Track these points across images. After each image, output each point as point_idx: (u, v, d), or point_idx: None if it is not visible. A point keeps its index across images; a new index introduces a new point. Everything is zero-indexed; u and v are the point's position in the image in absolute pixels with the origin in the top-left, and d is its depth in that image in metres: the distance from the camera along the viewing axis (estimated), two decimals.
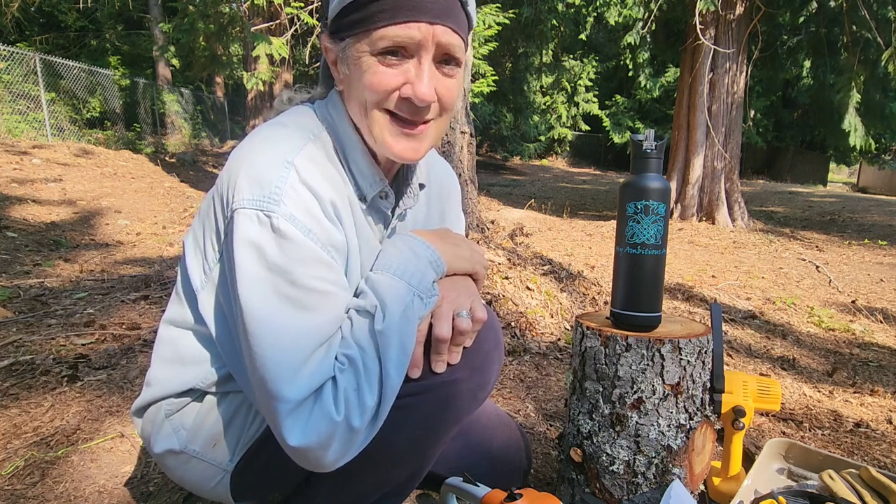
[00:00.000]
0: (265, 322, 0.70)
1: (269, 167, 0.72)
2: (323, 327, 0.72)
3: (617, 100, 18.52)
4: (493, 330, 0.90)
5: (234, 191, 0.72)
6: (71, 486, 1.24)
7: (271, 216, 0.70)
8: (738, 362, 2.33)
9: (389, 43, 0.72)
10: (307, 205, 0.72)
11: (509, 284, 2.76)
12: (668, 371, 0.96)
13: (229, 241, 0.73)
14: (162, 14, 13.83)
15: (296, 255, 0.70)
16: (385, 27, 0.71)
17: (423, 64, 0.74)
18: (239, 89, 16.37)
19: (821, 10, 7.51)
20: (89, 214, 4.96)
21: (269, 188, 0.71)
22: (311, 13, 7.85)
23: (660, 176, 0.97)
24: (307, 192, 0.73)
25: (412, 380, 0.85)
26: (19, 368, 1.77)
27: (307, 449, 0.70)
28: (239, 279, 0.71)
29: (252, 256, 0.70)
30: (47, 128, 9.42)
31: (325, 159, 0.79)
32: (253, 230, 0.70)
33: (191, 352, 0.85)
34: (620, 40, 8.71)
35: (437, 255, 0.82)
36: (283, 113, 0.84)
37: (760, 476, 1.19)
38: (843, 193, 16.10)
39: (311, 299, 0.71)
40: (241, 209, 0.71)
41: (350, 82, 0.77)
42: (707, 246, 5.80)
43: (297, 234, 0.71)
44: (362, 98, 0.76)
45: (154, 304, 2.53)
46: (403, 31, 0.71)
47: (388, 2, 0.70)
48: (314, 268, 0.72)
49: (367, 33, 0.72)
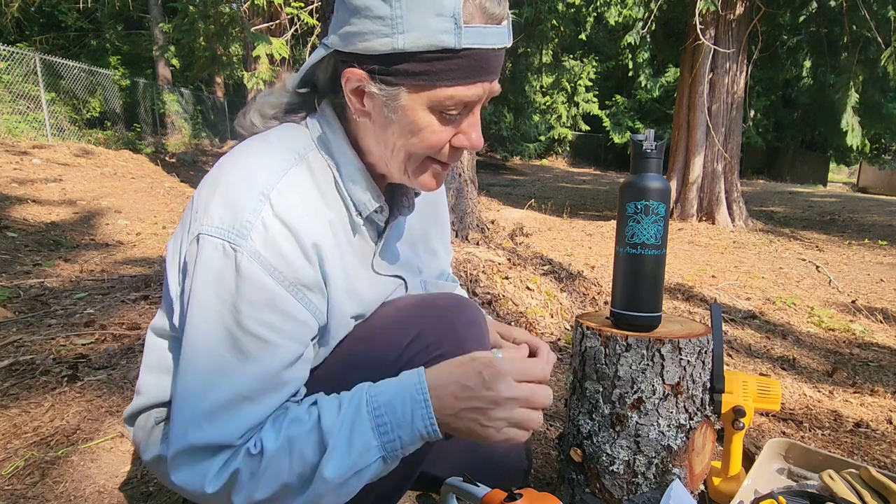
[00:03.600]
0: (202, 353, 0.69)
1: (245, 196, 0.70)
2: (251, 378, 0.69)
3: (617, 100, 18.53)
4: (477, 327, 0.89)
5: (206, 212, 0.70)
6: (71, 486, 1.24)
7: (237, 250, 0.68)
8: (738, 362, 2.33)
9: (456, 103, 0.70)
10: (276, 241, 0.69)
11: (509, 284, 2.76)
12: (668, 371, 0.96)
13: (191, 263, 0.71)
14: (162, 14, 13.84)
15: (249, 296, 0.68)
16: (453, 87, 0.68)
17: (476, 114, 0.74)
18: (239, 89, 16.39)
19: (821, 10, 7.51)
20: (89, 214, 4.96)
21: (241, 219, 0.68)
22: (311, 13, 7.85)
23: (660, 176, 0.97)
24: (280, 226, 0.70)
25: None
26: (19, 368, 1.77)
27: (183, 490, 0.71)
28: (192, 304, 0.70)
29: (211, 286, 0.69)
30: (47, 128, 9.42)
31: (311, 183, 0.75)
32: (216, 260, 0.69)
33: (173, 361, 0.84)
34: (620, 40, 8.71)
35: (434, 430, 0.71)
36: (271, 130, 0.81)
37: (760, 476, 1.19)
38: (843, 193, 16.10)
39: (249, 345, 0.69)
40: (209, 236, 0.69)
41: (389, 127, 0.73)
42: (707, 246, 5.80)
43: (258, 275, 0.68)
44: (410, 149, 0.74)
45: (154, 304, 2.53)
46: (472, 92, 0.70)
47: (457, 62, 0.67)
48: (264, 312, 0.69)
49: (430, 88, 0.69)
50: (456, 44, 0.65)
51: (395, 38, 0.66)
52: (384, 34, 0.66)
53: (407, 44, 0.66)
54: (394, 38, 0.66)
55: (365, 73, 0.70)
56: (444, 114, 0.71)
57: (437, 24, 0.65)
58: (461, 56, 0.67)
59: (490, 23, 0.67)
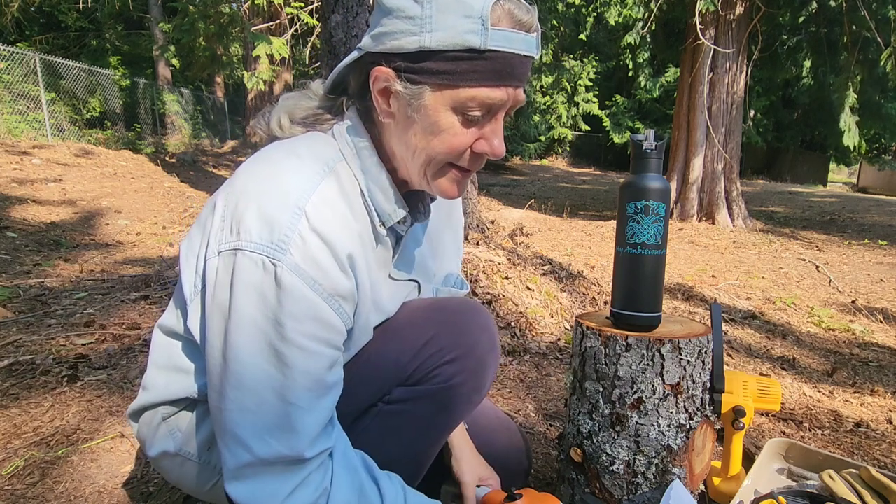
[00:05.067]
0: (250, 368, 0.69)
1: (280, 210, 0.69)
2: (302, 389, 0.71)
3: (617, 100, 18.52)
4: (489, 332, 0.89)
5: (240, 227, 0.70)
6: (71, 486, 1.24)
7: (276, 265, 0.68)
8: (738, 362, 2.33)
9: (478, 104, 0.70)
10: (314, 254, 0.70)
11: (509, 284, 2.76)
12: (668, 371, 0.96)
13: (226, 276, 0.71)
14: (162, 14, 13.84)
15: (291, 309, 0.69)
16: (477, 88, 0.69)
17: (499, 121, 0.74)
18: (239, 89, 16.39)
19: (821, 10, 7.51)
20: (89, 214, 4.96)
21: (279, 234, 0.68)
22: (311, 13, 7.85)
23: (660, 176, 0.97)
24: (317, 239, 0.70)
25: (407, 385, 0.85)
26: (19, 368, 1.77)
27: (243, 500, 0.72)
28: (233, 319, 0.70)
29: (253, 301, 0.69)
30: (47, 128, 9.42)
31: (340, 196, 0.75)
32: (257, 276, 0.69)
33: (183, 360, 0.84)
34: (620, 40, 8.71)
35: None
36: (298, 139, 0.80)
37: (760, 476, 1.19)
38: (843, 193, 16.10)
39: (296, 356, 0.70)
40: (247, 252, 0.69)
41: (412, 128, 0.74)
42: (707, 246, 5.80)
43: (299, 288, 0.69)
44: (431, 151, 0.74)
45: (154, 304, 2.53)
46: (495, 95, 0.70)
47: (482, 64, 0.68)
48: (307, 324, 0.70)
49: (453, 88, 0.69)
50: (481, 44, 0.66)
51: (423, 36, 0.67)
52: (413, 33, 0.68)
53: (434, 42, 0.67)
54: (422, 36, 0.67)
55: (392, 70, 0.71)
56: (466, 116, 0.71)
57: (465, 25, 0.66)
58: (486, 58, 0.67)
59: (517, 28, 0.68)
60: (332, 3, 2.80)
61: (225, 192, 0.76)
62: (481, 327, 0.89)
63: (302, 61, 11.72)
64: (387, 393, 0.86)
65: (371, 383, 0.85)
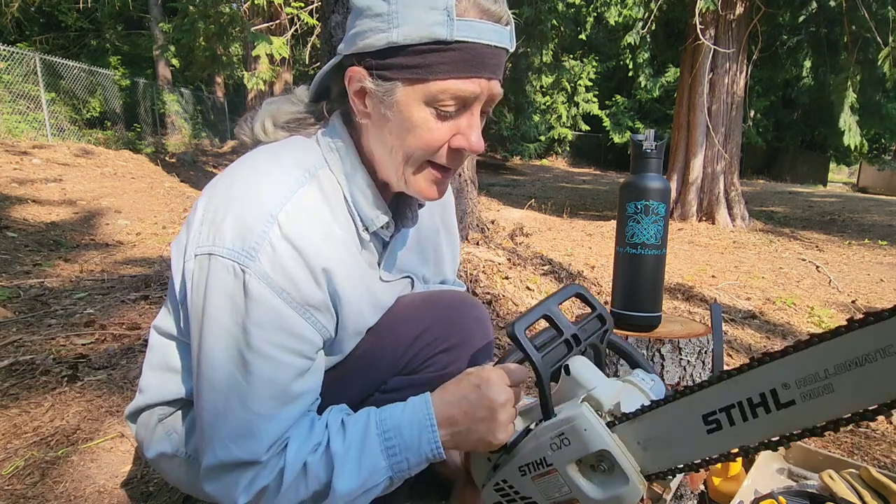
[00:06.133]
0: (219, 373, 0.71)
1: (254, 217, 0.69)
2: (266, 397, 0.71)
3: (617, 100, 18.53)
4: (482, 324, 0.90)
5: (217, 232, 0.70)
6: (71, 486, 1.24)
7: (245, 272, 0.69)
8: (738, 362, 2.33)
9: (450, 97, 0.69)
10: (284, 263, 0.70)
11: (509, 284, 2.76)
12: (668, 371, 0.96)
13: (201, 280, 0.71)
14: (162, 14, 13.85)
15: (257, 317, 0.69)
16: (446, 80, 0.68)
17: (475, 116, 0.73)
18: (239, 89, 16.39)
19: (821, 10, 7.51)
20: (89, 214, 4.96)
21: (250, 242, 0.69)
22: (311, 13, 7.85)
23: (660, 176, 0.97)
24: (289, 248, 0.70)
25: (402, 374, 0.86)
26: (19, 368, 1.77)
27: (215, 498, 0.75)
28: (206, 324, 0.71)
29: (225, 307, 0.70)
30: (47, 128, 9.42)
31: (322, 202, 0.75)
32: (228, 281, 0.69)
33: (177, 361, 0.85)
34: (620, 40, 8.71)
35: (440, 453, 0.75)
36: (282, 144, 0.79)
37: (760, 476, 1.19)
38: (843, 193, 16.10)
39: (261, 365, 0.70)
40: (219, 256, 0.69)
41: (386, 126, 0.73)
42: (707, 246, 5.80)
43: (266, 296, 0.69)
44: (407, 149, 0.73)
45: (154, 304, 2.53)
46: (467, 86, 0.69)
47: (451, 55, 0.67)
48: (273, 333, 0.70)
49: (424, 82, 0.68)
50: (448, 35, 0.66)
51: (391, 32, 0.67)
52: (381, 30, 0.68)
53: (401, 37, 0.67)
54: (389, 32, 0.67)
55: (364, 69, 0.71)
56: (439, 110, 0.71)
57: (431, 17, 0.66)
58: (454, 49, 0.67)
59: (485, 18, 0.68)
60: (332, 3, 2.80)
61: (207, 195, 0.76)
62: (475, 318, 0.90)
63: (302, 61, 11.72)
64: (383, 383, 0.87)
65: (367, 374, 0.86)
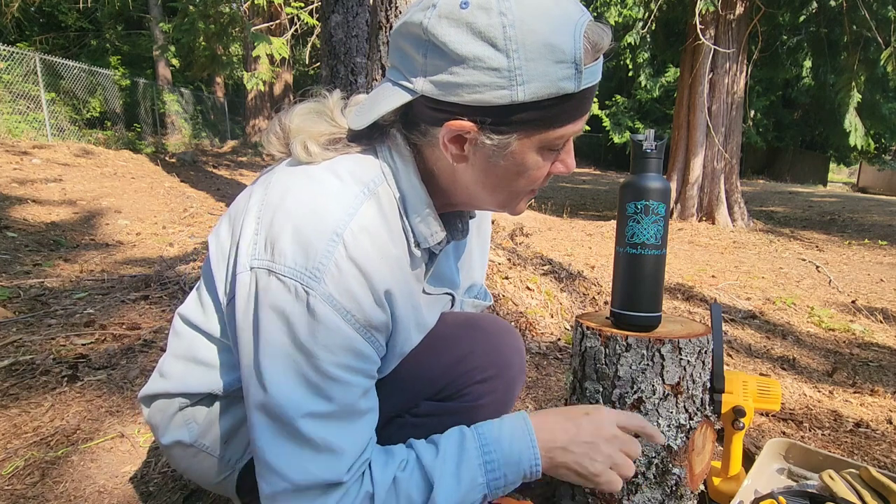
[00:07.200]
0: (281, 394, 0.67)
1: (317, 236, 0.66)
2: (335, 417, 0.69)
3: (617, 100, 18.52)
4: (520, 355, 0.91)
5: (275, 246, 0.68)
6: (71, 486, 1.24)
7: (309, 293, 0.66)
8: (738, 362, 2.33)
9: (564, 139, 0.70)
10: (350, 285, 0.67)
11: (509, 284, 2.76)
12: (668, 371, 0.96)
13: (252, 293, 0.69)
14: (162, 14, 13.85)
15: (324, 341, 0.67)
16: (565, 127, 0.68)
17: (570, 141, 0.74)
18: (239, 89, 16.40)
19: (821, 10, 7.51)
20: (89, 214, 4.96)
21: (314, 262, 0.66)
22: (311, 13, 7.85)
23: (660, 176, 0.97)
24: (354, 268, 0.67)
25: (434, 400, 0.85)
26: (19, 368, 1.77)
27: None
28: (261, 343, 0.68)
29: (281, 327, 0.67)
30: (47, 128, 9.42)
31: (380, 220, 0.72)
32: (287, 302, 0.66)
33: (206, 355, 0.83)
34: (620, 40, 8.71)
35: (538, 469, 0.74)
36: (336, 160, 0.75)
37: (760, 476, 1.19)
38: (843, 193, 16.10)
39: (329, 387, 0.68)
40: (280, 275, 0.67)
41: (493, 170, 0.71)
42: (707, 246, 5.80)
43: (331, 318, 0.67)
44: (515, 189, 0.74)
45: (154, 304, 2.53)
46: (578, 127, 0.70)
47: (572, 104, 0.66)
48: (339, 355, 0.68)
49: (543, 132, 0.67)
50: (576, 88, 0.64)
51: (514, 90, 0.62)
52: (500, 86, 0.62)
53: (527, 96, 0.63)
54: (512, 90, 0.62)
55: (474, 124, 0.66)
56: (550, 151, 0.71)
57: (558, 72, 0.62)
58: (576, 97, 0.66)
59: (598, 56, 0.66)
60: (332, 3, 2.80)
61: (260, 197, 0.73)
62: (514, 349, 0.90)
63: (302, 61, 11.72)
64: (414, 406, 0.86)
65: (401, 394, 0.84)
